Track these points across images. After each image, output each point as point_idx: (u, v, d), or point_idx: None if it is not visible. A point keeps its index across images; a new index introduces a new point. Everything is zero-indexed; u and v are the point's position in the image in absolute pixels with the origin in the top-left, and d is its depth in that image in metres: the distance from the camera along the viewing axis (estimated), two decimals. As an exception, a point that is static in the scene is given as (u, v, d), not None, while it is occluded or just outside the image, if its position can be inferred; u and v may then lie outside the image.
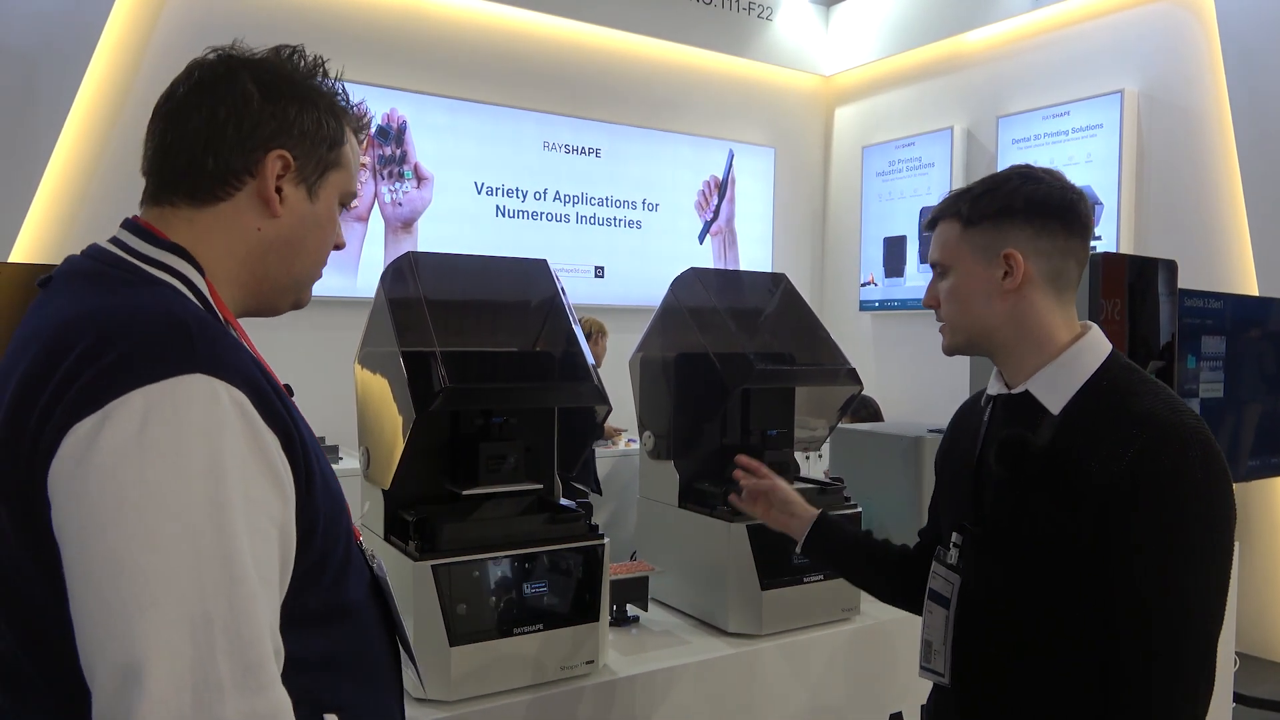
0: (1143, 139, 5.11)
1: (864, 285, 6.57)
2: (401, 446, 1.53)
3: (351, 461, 3.68)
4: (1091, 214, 1.29)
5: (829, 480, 2.13)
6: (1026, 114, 5.56)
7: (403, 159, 5.27)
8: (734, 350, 1.96)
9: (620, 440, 5.22)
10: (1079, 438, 1.18)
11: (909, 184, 6.26)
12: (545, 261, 1.89)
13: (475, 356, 1.78)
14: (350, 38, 5.07)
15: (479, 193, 5.56)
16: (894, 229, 6.35)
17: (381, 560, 1.08)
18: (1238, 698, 3.29)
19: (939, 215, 1.31)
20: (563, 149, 5.85)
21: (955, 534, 1.33)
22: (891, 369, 6.34)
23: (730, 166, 6.52)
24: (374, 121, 5.11)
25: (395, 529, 1.62)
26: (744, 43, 6.46)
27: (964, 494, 1.33)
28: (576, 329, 1.76)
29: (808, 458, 3.20)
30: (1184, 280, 2.68)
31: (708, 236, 6.48)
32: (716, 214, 6.50)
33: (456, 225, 5.43)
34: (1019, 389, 1.26)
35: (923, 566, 1.40)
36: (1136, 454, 1.12)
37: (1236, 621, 2.85)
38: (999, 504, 1.26)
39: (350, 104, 1.03)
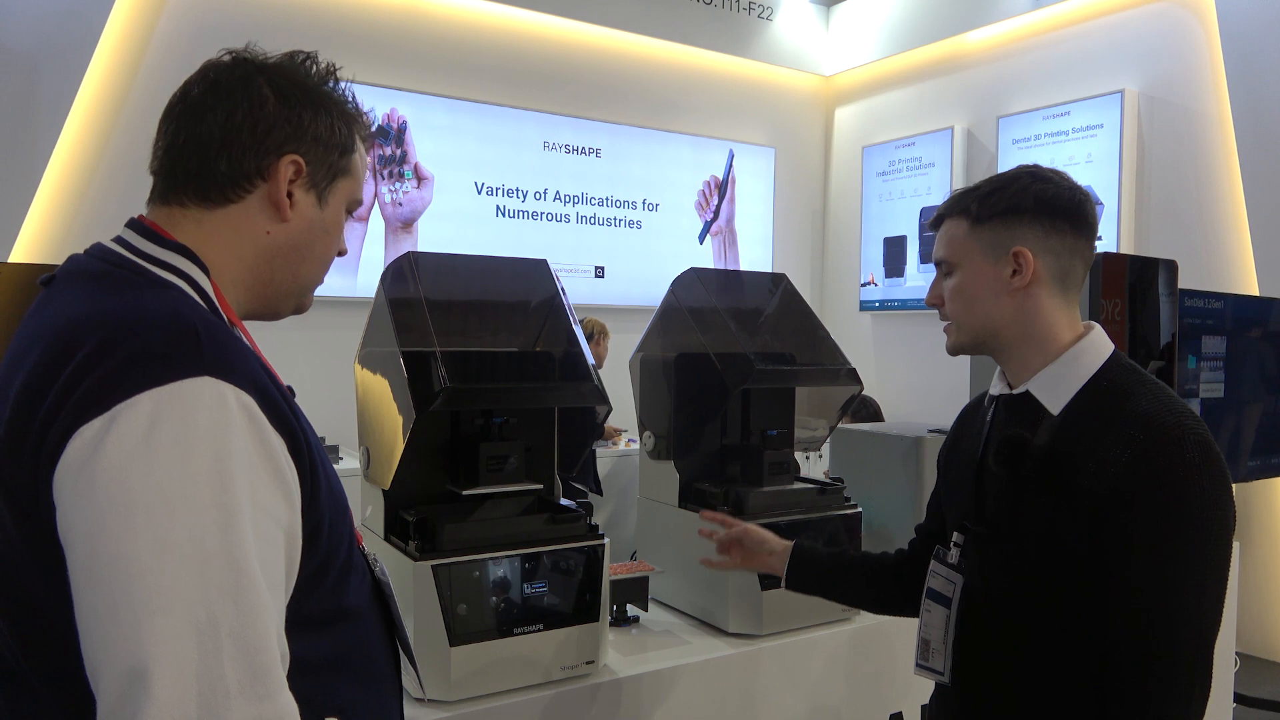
0: (1143, 139, 5.11)
1: (864, 285, 6.57)
2: (401, 446, 1.52)
3: (351, 461, 3.67)
4: (1097, 216, 1.29)
5: (829, 480, 2.13)
6: (1027, 114, 5.56)
7: (403, 159, 5.27)
8: (734, 350, 1.96)
9: (620, 440, 5.23)
10: (1078, 438, 1.18)
11: (909, 184, 6.26)
12: (545, 261, 1.89)
13: (475, 356, 1.78)
14: (350, 38, 5.07)
15: (479, 193, 5.56)
16: (894, 229, 6.35)
17: (384, 565, 1.08)
18: (1238, 698, 3.28)
19: (945, 213, 1.31)
20: (563, 149, 5.85)
21: (956, 533, 1.33)
22: (891, 369, 6.34)
23: (730, 166, 6.52)
24: (374, 121, 5.11)
25: (395, 529, 1.62)
26: (744, 43, 6.46)
27: (966, 494, 1.33)
28: (577, 329, 1.76)
29: (808, 458, 3.20)
30: (1184, 280, 2.68)
31: (708, 236, 6.48)
32: (716, 214, 6.50)
33: (456, 225, 5.43)
34: (1020, 389, 1.26)
35: (920, 566, 1.40)
36: (1135, 455, 1.12)
37: (1237, 621, 2.85)
38: (1000, 504, 1.26)
39: (360, 112, 1.04)
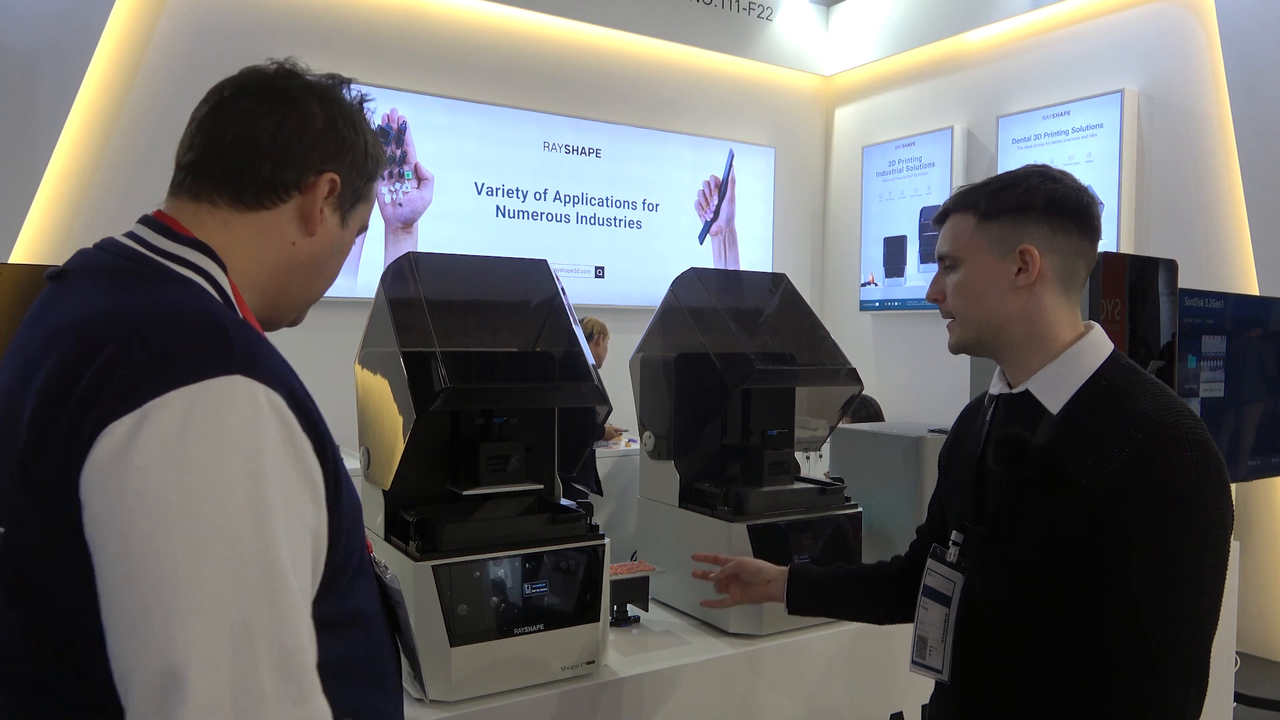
0: (1143, 139, 5.11)
1: (864, 285, 6.57)
2: (402, 447, 1.52)
3: (352, 462, 3.66)
4: (1100, 218, 1.30)
5: (829, 480, 2.13)
6: (1027, 114, 5.56)
7: (403, 159, 5.27)
8: (734, 350, 1.96)
9: (620, 440, 5.22)
10: (1077, 437, 1.18)
11: (909, 184, 6.26)
12: (545, 262, 1.89)
13: (475, 356, 1.78)
14: (350, 38, 5.07)
15: (479, 193, 5.56)
16: (894, 229, 6.35)
17: (395, 574, 1.08)
18: (1239, 697, 3.28)
19: (951, 207, 1.31)
20: (563, 149, 5.85)
21: (956, 533, 1.33)
22: (892, 369, 6.34)
23: (730, 166, 6.52)
24: (373, 122, 5.11)
25: (395, 529, 1.62)
26: (744, 43, 6.46)
27: (966, 493, 1.33)
28: (577, 329, 1.76)
29: (808, 458, 3.20)
30: (1184, 280, 2.68)
31: (708, 236, 6.48)
32: (717, 214, 6.50)
33: (456, 225, 5.43)
34: (1020, 388, 1.26)
35: (921, 570, 1.40)
36: (1132, 454, 1.12)
37: (1237, 621, 2.85)
38: (999, 504, 1.26)
39: (382, 144, 1.07)
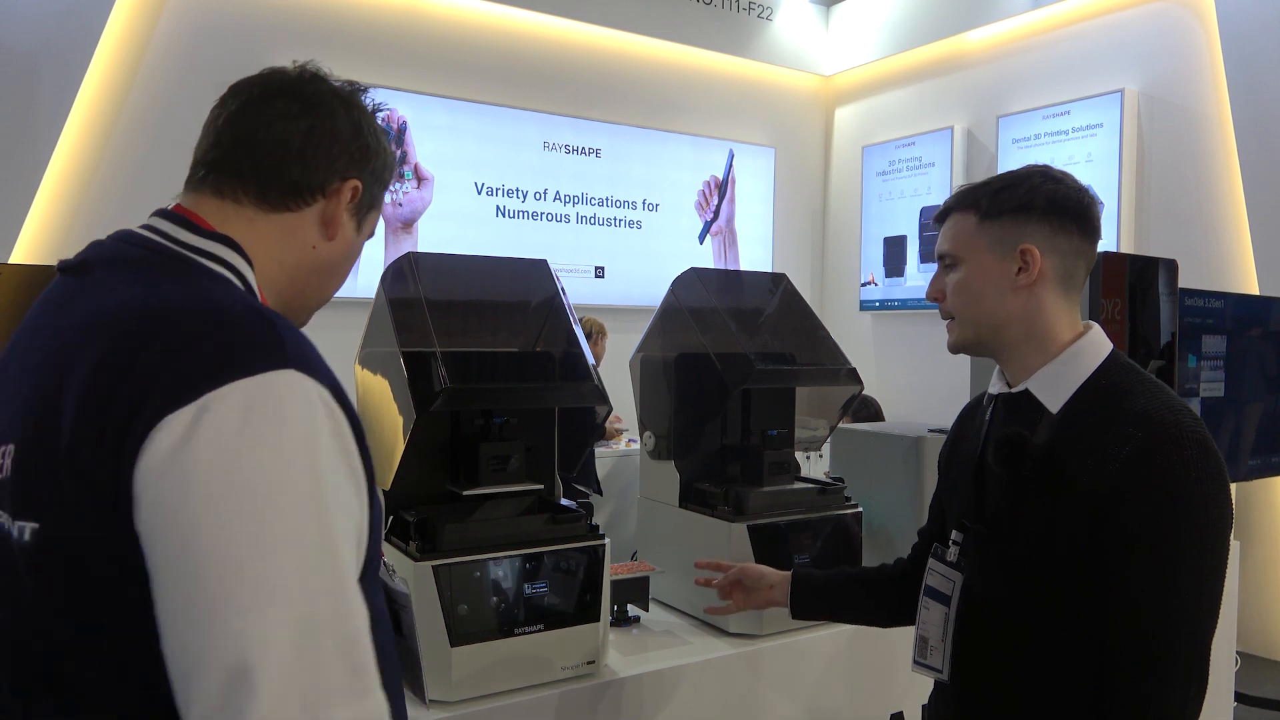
0: (1143, 139, 5.11)
1: (864, 285, 6.57)
2: (402, 446, 1.52)
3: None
4: (1100, 219, 1.30)
5: (829, 480, 2.13)
6: (1027, 114, 5.56)
7: (403, 159, 5.27)
8: (734, 350, 1.96)
9: (620, 440, 5.22)
10: (1077, 437, 1.18)
11: (909, 184, 6.26)
12: (545, 262, 1.89)
13: (475, 356, 1.78)
14: (350, 38, 5.07)
15: (479, 193, 5.56)
16: (894, 229, 6.35)
17: (403, 579, 1.08)
18: (1239, 697, 3.28)
19: (952, 207, 1.31)
20: (563, 149, 5.85)
21: (956, 532, 1.33)
22: (892, 369, 6.34)
23: (730, 166, 6.52)
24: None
25: (396, 529, 1.62)
26: (744, 43, 6.46)
27: (966, 493, 1.33)
28: (577, 329, 1.76)
29: (808, 458, 3.20)
30: (1184, 280, 2.68)
31: (708, 236, 6.48)
32: (717, 214, 6.50)
33: (456, 225, 5.43)
34: (1019, 388, 1.26)
35: (923, 572, 1.40)
36: (1132, 453, 1.12)
37: (1237, 621, 2.85)
38: (999, 503, 1.26)
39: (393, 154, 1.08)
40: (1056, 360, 1.24)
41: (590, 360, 1.70)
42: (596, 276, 5.99)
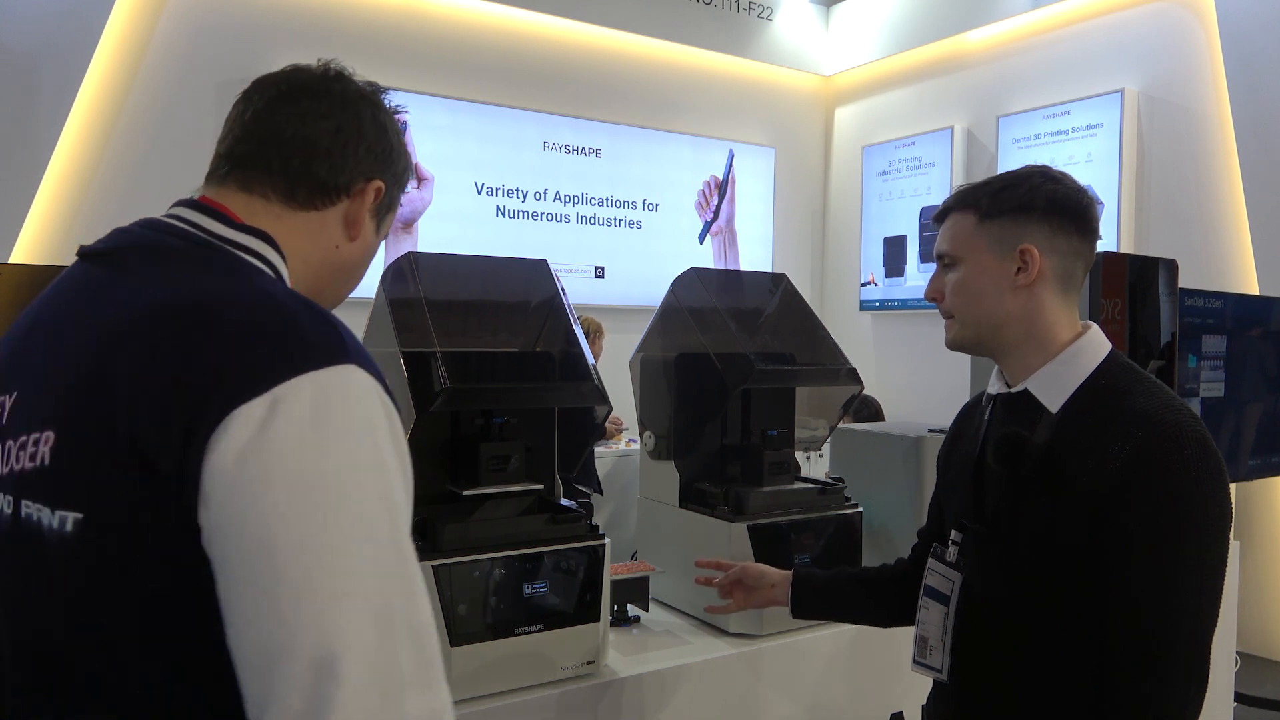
0: (1143, 139, 5.11)
1: (864, 285, 6.57)
2: (402, 446, 1.52)
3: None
4: (1099, 219, 1.30)
5: (829, 480, 2.13)
6: (1027, 114, 5.56)
7: (403, 159, 5.26)
8: (734, 350, 1.96)
9: (620, 440, 5.22)
10: (1077, 436, 1.18)
11: (909, 184, 6.26)
12: (545, 261, 1.89)
13: (475, 356, 1.79)
14: (350, 38, 5.07)
15: (479, 193, 5.56)
16: (894, 229, 6.35)
17: None
18: (1239, 697, 3.28)
19: (951, 206, 1.31)
20: (563, 149, 5.85)
21: (955, 532, 1.33)
22: (892, 369, 6.34)
23: (730, 166, 6.52)
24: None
25: (396, 529, 1.62)
26: (744, 43, 6.46)
27: (964, 493, 1.33)
28: (577, 329, 1.76)
29: (808, 458, 3.20)
30: (1184, 280, 2.68)
31: (708, 236, 6.48)
32: (717, 214, 6.50)
33: (456, 225, 5.43)
34: (1019, 388, 1.27)
35: (923, 572, 1.40)
36: (1133, 452, 1.12)
37: (1237, 621, 2.85)
38: (999, 503, 1.26)
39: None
40: (1056, 360, 1.24)
41: (590, 360, 1.70)
42: (596, 276, 5.99)
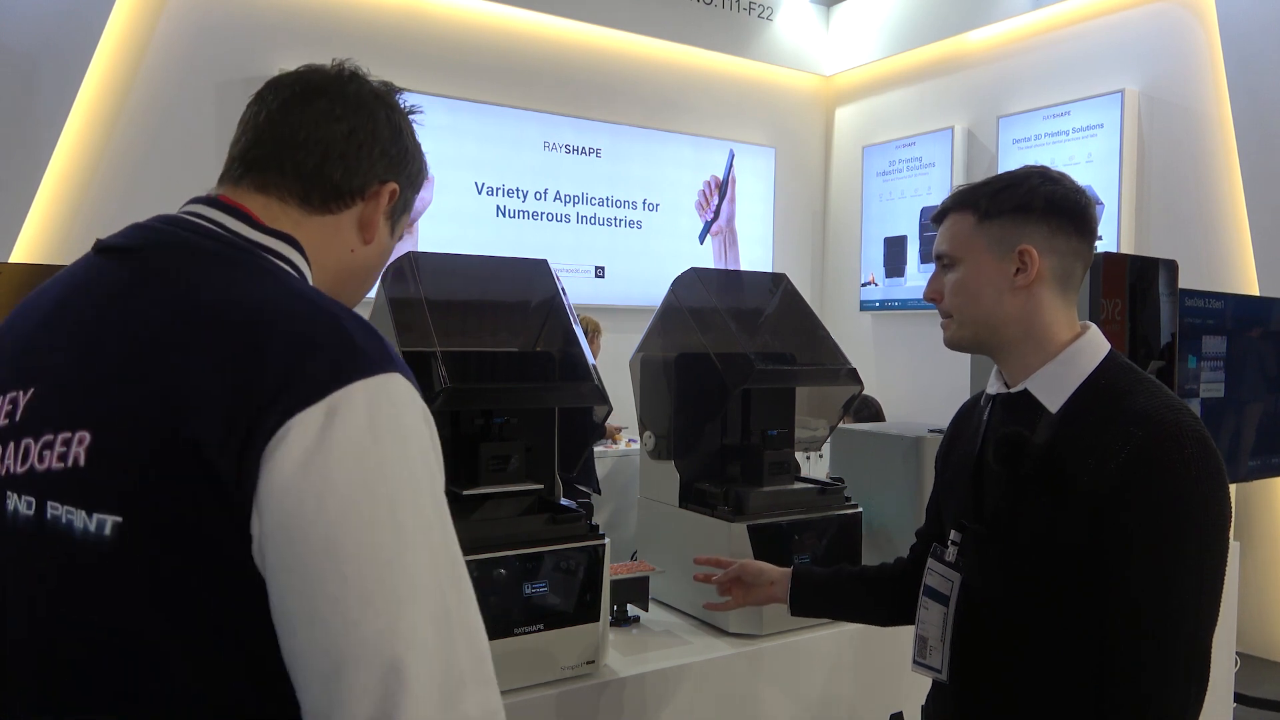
0: (1143, 139, 5.11)
1: (864, 285, 6.57)
2: (402, 446, 1.52)
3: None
4: (1097, 220, 1.31)
5: (829, 480, 2.13)
6: (1027, 114, 5.56)
7: (403, 159, 5.26)
8: (734, 350, 1.96)
9: (620, 440, 5.22)
10: (1077, 436, 1.18)
11: (909, 184, 6.26)
12: (545, 261, 1.89)
13: (475, 356, 1.79)
14: (350, 38, 5.07)
15: (479, 193, 5.56)
16: (894, 229, 6.35)
17: None
18: (1238, 698, 3.28)
19: (950, 207, 1.31)
20: (563, 149, 5.85)
21: (954, 532, 1.33)
22: (892, 369, 6.34)
23: (730, 166, 6.52)
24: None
25: (396, 529, 1.62)
26: (744, 43, 6.46)
27: (964, 493, 1.33)
28: (577, 329, 1.76)
29: (808, 458, 3.20)
30: (1185, 280, 2.68)
31: (708, 236, 6.48)
32: (717, 214, 6.50)
33: (456, 225, 5.43)
34: (1018, 388, 1.27)
35: (922, 572, 1.40)
36: (1133, 452, 1.12)
37: (1237, 621, 2.85)
38: (999, 503, 1.26)
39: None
40: (1055, 360, 1.24)
41: (591, 360, 1.70)
42: (596, 276, 5.99)
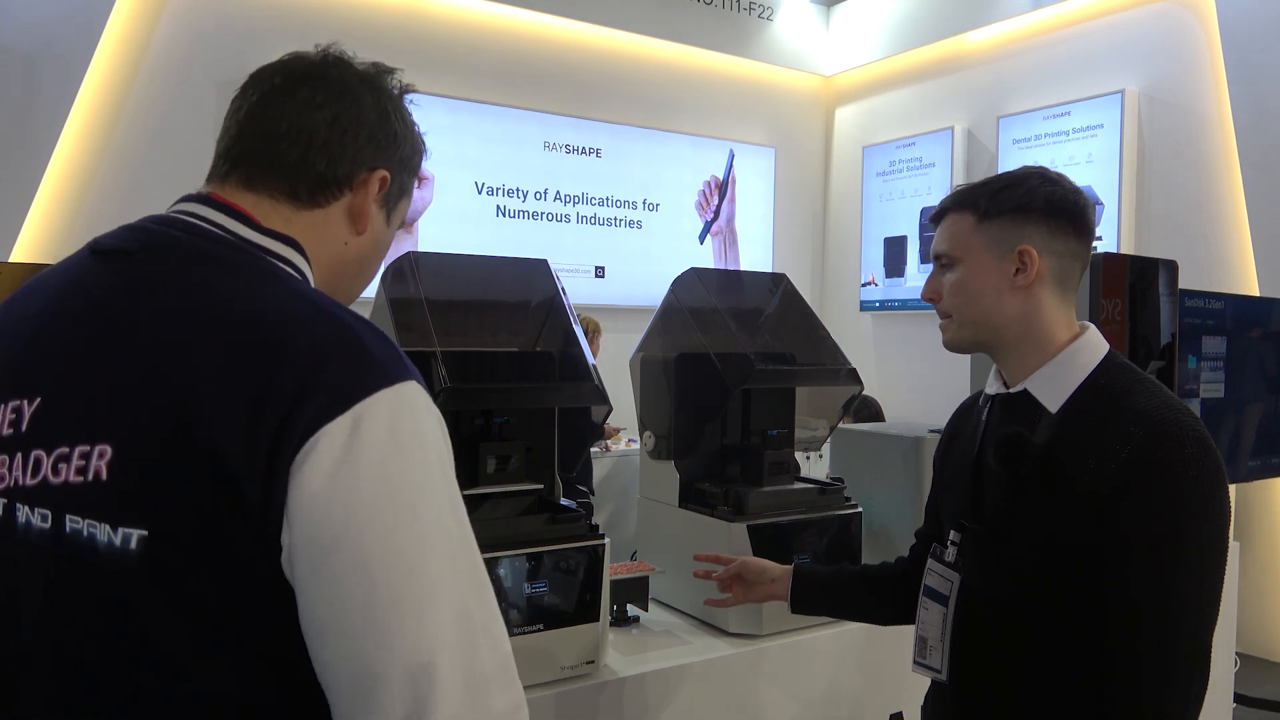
0: (1143, 139, 5.11)
1: (864, 285, 6.56)
2: (402, 446, 1.52)
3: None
4: (1096, 220, 1.31)
5: (829, 480, 2.13)
6: (1027, 114, 5.56)
7: (403, 159, 5.26)
8: (734, 350, 1.96)
9: (620, 440, 5.22)
10: (1076, 436, 1.18)
11: (909, 184, 6.26)
12: (545, 261, 1.89)
13: (475, 356, 1.78)
14: (350, 38, 5.00)
15: (479, 193, 5.56)
16: (894, 229, 6.35)
17: None
18: (1238, 698, 3.28)
19: (949, 207, 1.31)
20: (563, 149, 5.85)
21: (954, 532, 1.33)
22: (892, 369, 6.34)
23: (730, 166, 6.52)
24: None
25: (396, 529, 1.62)
26: (744, 43, 6.46)
27: (963, 493, 1.33)
28: (577, 329, 1.76)
29: (808, 458, 3.20)
30: (1184, 280, 2.68)
31: (708, 236, 6.48)
32: (717, 214, 6.50)
33: (457, 225, 5.43)
34: (1018, 388, 1.27)
35: (922, 572, 1.40)
36: (1133, 452, 1.12)
37: (1237, 621, 2.85)
38: (998, 503, 1.26)
39: (421, 137, 1.04)
40: (1054, 360, 1.24)
41: (591, 360, 1.70)
42: (596, 276, 5.99)
